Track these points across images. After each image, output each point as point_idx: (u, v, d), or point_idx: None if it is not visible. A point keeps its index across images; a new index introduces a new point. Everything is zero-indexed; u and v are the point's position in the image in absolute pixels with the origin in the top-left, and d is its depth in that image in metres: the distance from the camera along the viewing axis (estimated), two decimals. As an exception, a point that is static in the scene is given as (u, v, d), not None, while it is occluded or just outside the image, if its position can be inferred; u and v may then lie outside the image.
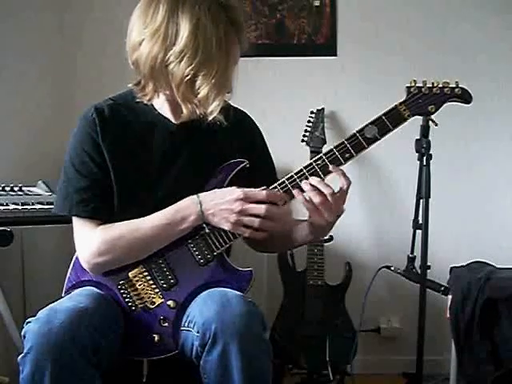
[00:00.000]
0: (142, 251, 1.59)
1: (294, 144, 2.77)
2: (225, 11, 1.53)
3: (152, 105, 1.65)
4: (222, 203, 1.54)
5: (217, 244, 1.59)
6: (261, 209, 1.53)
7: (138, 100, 1.63)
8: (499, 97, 2.92)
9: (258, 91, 2.92)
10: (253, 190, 1.56)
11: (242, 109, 1.77)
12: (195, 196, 1.56)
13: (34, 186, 2.36)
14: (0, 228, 2.07)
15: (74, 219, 1.62)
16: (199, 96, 1.53)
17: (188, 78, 1.52)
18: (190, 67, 1.51)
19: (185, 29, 1.50)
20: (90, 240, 1.59)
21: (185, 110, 1.58)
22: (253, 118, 1.79)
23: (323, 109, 2.82)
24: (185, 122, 1.63)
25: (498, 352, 2.43)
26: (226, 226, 1.56)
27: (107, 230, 1.58)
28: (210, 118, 1.56)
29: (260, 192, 1.55)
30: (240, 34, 1.57)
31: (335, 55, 2.96)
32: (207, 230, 1.58)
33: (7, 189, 2.25)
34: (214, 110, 1.54)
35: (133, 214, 1.58)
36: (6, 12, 2.60)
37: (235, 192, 1.55)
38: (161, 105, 1.65)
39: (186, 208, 1.56)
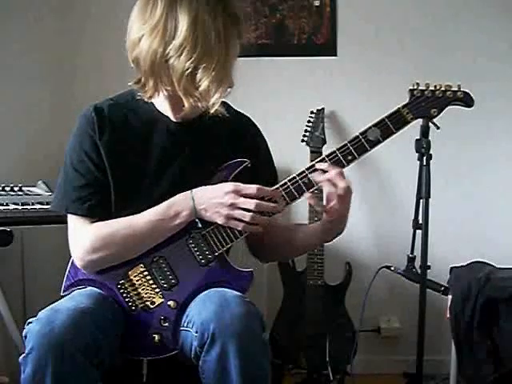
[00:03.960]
0: (136, 247, 1.59)
1: (293, 144, 2.77)
2: (223, 4, 1.53)
3: (152, 103, 1.65)
4: (213, 197, 1.55)
5: (218, 244, 1.59)
6: (251, 203, 1.54)
7: (138, 98, 1.62)
8: (499, 97, 2.91)
9: (258, 91, 2.92)
10: (244, 184, 1.56)
11: (246, 114, 1.77)
12: (188, 192, 1.57)
13: (34, 186, 2.36)
14: (0, 228, 2.07)
15: (69, 217, 1.62)
16: (200, 89, 1.53)
17: (188, 71, 1.51)
18: (190, 60, 1.50)
19: (183, 23, 1.50)
20: (83, 237, 1.59)
21: (186, 104, 1.57)
22: (257, 124, 1.78)
23: (323, 109, 2.82)
24: (185, 121, 1.63)
25: (498, 352, 2.43)
26: (219, 220, 1.56)
27: (101, 227, 1.58)
28: (212, 111, 1.56)
29: (251, 186, 1.55)
30: (239, 26, 1.57)
31: (335, 55, 2.96)
32: (200, 225, 1.58)
33: (7, 189, 2.26)
34: (215, 102, 1.54)
35: (131, 212, 1.59)
36: (6, 12, 2.60)
37: (226, 186, 1.55)
38: (161, 103, 1.64)
39: (178, 203, 1.56)
